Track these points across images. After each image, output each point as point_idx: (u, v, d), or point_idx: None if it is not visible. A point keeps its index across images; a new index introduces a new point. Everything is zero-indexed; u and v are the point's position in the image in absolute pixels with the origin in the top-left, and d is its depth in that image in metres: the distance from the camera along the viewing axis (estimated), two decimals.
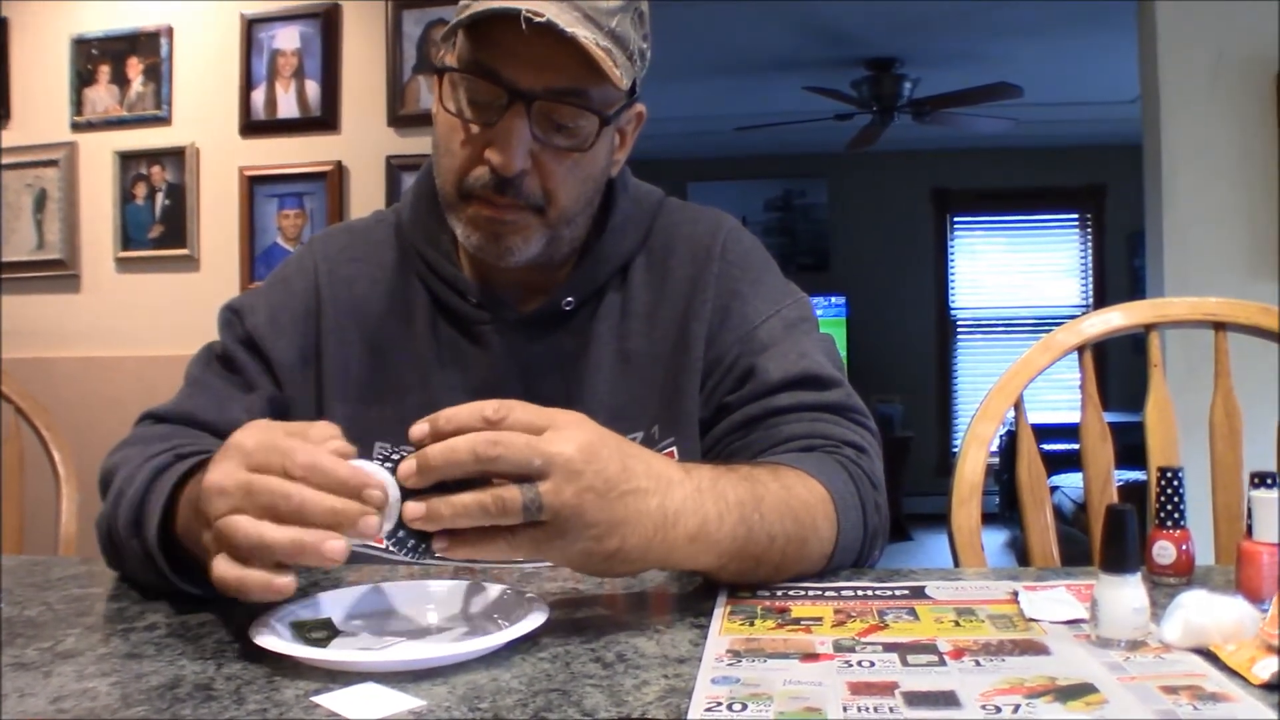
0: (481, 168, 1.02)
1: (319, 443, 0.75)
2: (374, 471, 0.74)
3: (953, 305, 7.95)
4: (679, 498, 0.81)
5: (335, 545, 0.71)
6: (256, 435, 0.76)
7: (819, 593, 0.89)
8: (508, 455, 0.74)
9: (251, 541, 0.71)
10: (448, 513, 0.74)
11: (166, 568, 0.87)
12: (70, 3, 3.53)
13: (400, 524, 0.75)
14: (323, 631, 0.79)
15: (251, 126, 3.41)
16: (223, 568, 0.72)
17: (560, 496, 0.74)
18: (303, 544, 0.71)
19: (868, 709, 0.62)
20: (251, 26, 3.40)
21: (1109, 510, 0.75)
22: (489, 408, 0.75)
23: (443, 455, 0.74)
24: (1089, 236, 7.74)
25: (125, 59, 3.48)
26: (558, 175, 1.03)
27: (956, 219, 7.92)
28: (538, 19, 0.93)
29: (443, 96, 1.04)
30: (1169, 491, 0.92)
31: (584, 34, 0.96)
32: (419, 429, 0.76)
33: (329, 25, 3.36)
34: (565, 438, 0.76)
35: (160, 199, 3.45)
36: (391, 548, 0.76)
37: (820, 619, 0.81)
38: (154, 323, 3.44)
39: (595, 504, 0.76)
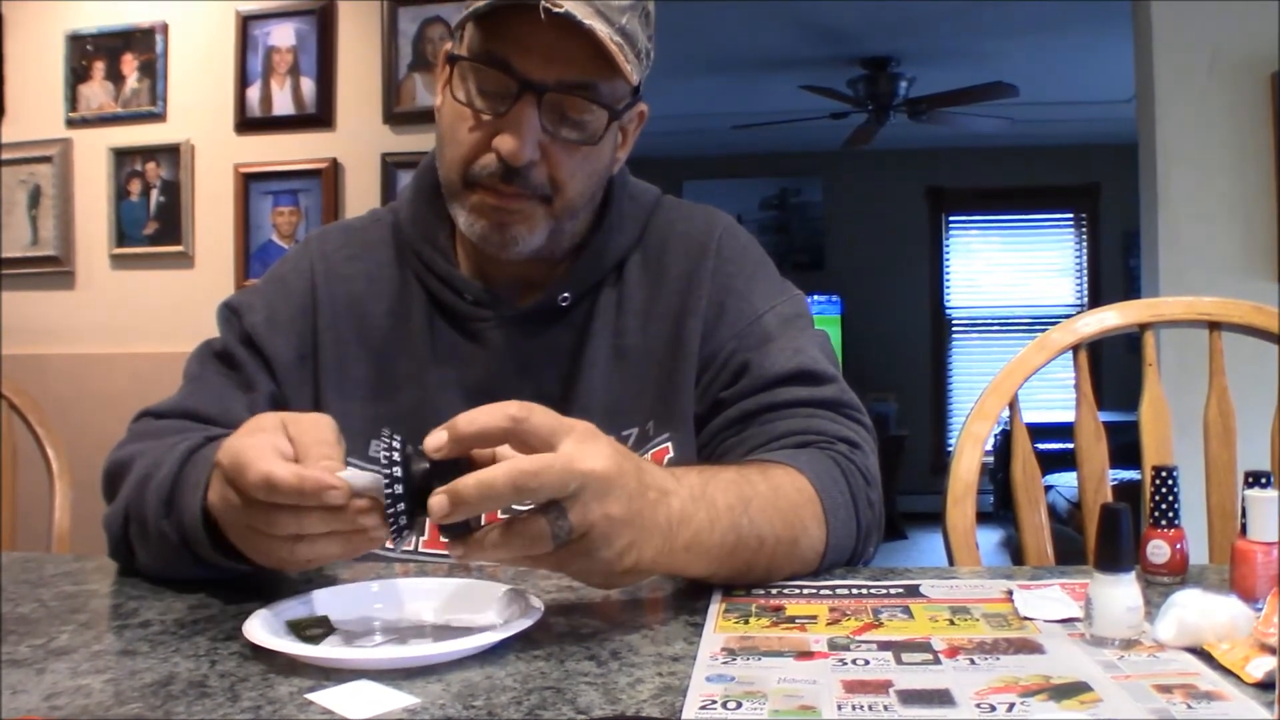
0: (488, 156, 1.01)
1: (306, 448, 0.77)
2: (351, 478, 0.74)
3: (948, 304, 7.95)
4: (676, 507, 0.82)
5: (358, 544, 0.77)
6: (231, 452, 0.77)
7: (814, 591, 0.89)
8: (546, 486, 0.73)
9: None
10: (480, 554, 0.75)
11: (207, 541, 0.87)
12: None
13: (403, 519, 0.74)
14: (317, 629, 0.79)
15: (247, 123, 3.41)
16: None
17: (589, 516, 0.74)
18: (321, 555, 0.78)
19: (862, 707, 0.62)
20: (247, 23, 3.39)
21: (1103, 509, 0.75)
22: (512, 407, 0.74)
23: (479, 492, 0.72)
24: (1084, 235, 7.74)
25: (120, 55, 3.47)
26: (566, 167, 1.03)
27: (951, 218, 7.92)
28: (557, 9, 0.94)
29: (451, 86, 1.04)
30: (1163, 491, 0.92)
31: (600, 27, 0.96)
32: (436, 439, 0.74)
33: (324, 22, 3.35)
34: (592, 453, 0.75)
35: (155, 196, 3.44)
36: (389, 542, 0.76)
37: (815, 617, 0.81)
38: (148, 320, 3.43)
39: (621, 520, 0.76)
